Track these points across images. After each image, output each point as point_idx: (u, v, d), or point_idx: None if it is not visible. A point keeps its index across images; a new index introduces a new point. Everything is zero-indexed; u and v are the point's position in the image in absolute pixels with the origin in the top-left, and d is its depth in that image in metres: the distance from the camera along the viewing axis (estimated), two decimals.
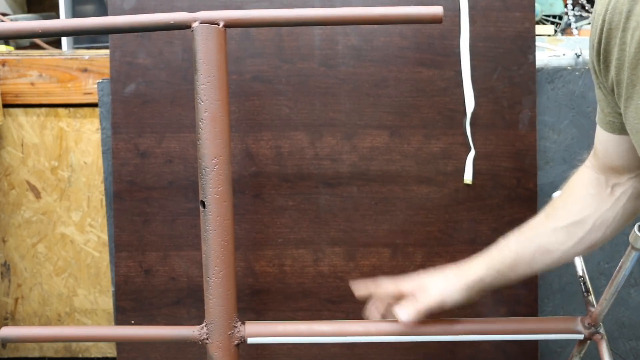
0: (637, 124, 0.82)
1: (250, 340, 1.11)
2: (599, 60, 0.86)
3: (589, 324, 1.11)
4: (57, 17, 2.07)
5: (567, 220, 1.03)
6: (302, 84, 1.39)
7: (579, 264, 1.16)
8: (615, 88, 0.85)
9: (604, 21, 0.83)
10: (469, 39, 1.38)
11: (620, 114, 0.91)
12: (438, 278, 1.07)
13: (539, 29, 1.78)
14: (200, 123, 1.04)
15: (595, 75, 0.91)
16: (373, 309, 1.10)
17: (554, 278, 1.54)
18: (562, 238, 1.03)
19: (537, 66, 1.41)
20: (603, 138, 0.98)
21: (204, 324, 1.09)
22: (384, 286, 1.09)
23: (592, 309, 1.11)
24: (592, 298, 1.13)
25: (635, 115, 0.82)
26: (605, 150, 0.99)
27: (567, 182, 1.08)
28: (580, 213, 1.03)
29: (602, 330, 1.11)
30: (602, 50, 0.85)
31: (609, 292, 1.06)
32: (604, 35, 0.83)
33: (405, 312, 1.05)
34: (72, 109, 1.67)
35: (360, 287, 1.12)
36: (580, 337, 1.12)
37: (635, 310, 1.57)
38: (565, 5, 1.90)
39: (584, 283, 1.14)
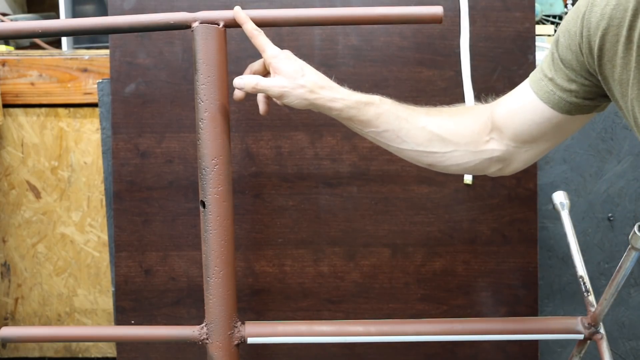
0: None
1: (250, 340, 1.12)
2: (590, 53, 0.85)
3: (589, 324, 1.11)
4: (57, 17, 2.07)
5: (438, 129, 1.02)
6: None
7: (580, 264, 1.16)
8: (617, 85, 0.84)
9: (603, 15, 0.81)
10: (469, 39, 1.38)
11: (566, 91, 0.90)
12: (295, 75, 1.02)
13: (539, 29, 1.78)
14: (200, 123, 1.04)
15: (568, 56, 0.89)
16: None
17: (554, 278, 1.55)
18: (420, 139, 1.03)
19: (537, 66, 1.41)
20: (527, 100, 0.96)
21: (204, 324, 1.09)
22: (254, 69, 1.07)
23: (592, 309, 1.11)
24: (592, 298, 1.13)
25: None
26: (515, 110, 0.98)
27: (465, 106, 1.08)
28: (450, 133, 1.02)
29: (602, 330, 1.11)
30: (600, 45, 0.83)
31: (609, 292, 1.06)
32: (604, 31, 0.82)
33: (246, 83, 1.02)
34: (72, 109, 1.67)
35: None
36: (580, 337, 1.12)
37: (635, 310, 1.57)
38: (565, 5, 1.90)
39: (584, 283, 1.14)
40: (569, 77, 0.90)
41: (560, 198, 1.29)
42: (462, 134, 1.02)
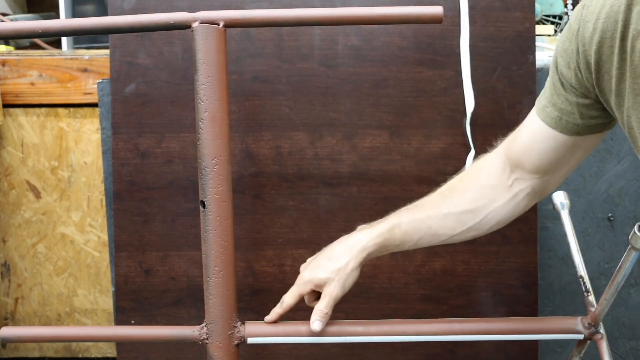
0: None
1: (250, 340, 1.12)
2: (587, 68, 0.86)
3: (589, 324, 1.11)
4: (57, 17, 2.07)
5: (461, 207, 1.03)
6: (302, 84, 1.39)
7: (580, 263, 1.16)
8: (613, 96, 0.84)
9: (595, 29, 0.82)
10: (469, 39, 1.38)
11: (571, 113, 0.91)
12: (330, 267, 1.06)
13: (539, 29, 1.79)
14: (200, 123, 1.04)
15: (567, 75, 0.90)
16: None
17: (554, 278, 1.55)
18: (451, 224, 1.04)
19: (537, 66, 1.41)
20: (536, 129, 0.97)
21: (204, 324, 1.09)
22: (288, 302, 1.11)
23: (592, 309, 1.11)
24: (592, 298, 1.13)
25: (638, 123, 0.82)
26: (530, 144, 0.99)
27: (472, 165, 1.07)
28: (474, 202, 1.03)
29: (602, 330, 1.11)
30: (596, 59, 0.84)
31: (609, 292, 1.06)
32: (598, 45, 0.82)
33: (317, 324, 1.07)
34: (72, 109, 1.67)
35: (272, 316, 1.12)
36: (580, 337, 1.12)
37: (635, 310, 1.57)
38: (565, 5, 1.90)
39: (584, 283, 1.14)
40: (570, 100, 0.91)
41: (560, 198, 1.28)
42: (485, 195, 1.03)
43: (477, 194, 1.03)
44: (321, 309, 1.06)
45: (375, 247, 1.05)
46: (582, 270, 1.15)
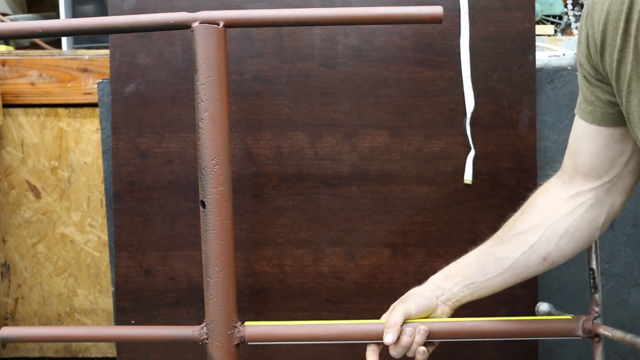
0: None
1: (250, 341, 1.11)
2: (596, 51, 0.85)
3: (588, 329, 1.11)
4: (57, 17, 2.07)
5: (515, 230, 1.02)
6: (302, 84, 1.39)
7: (594, 256, 1.13)
8: (613, 81, 0.84)
9: (602, 11, 0.82)
10: (469, 39, 1.38)
11: (604, 104, 0.90)
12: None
13: (539, 29, 1.78)
14: (200, 123, 1.04)
15: (586, 66, 0.89)
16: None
17: (554, 278, 1.55)
18: (512, 247, 1.02)
19: (537, 66, 1.41)
20: (580, 130, 0.96)
21: (204, 324, 1.09)
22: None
23: (597, 309, 1.11)
24: (598, 296, 1.12)
25: (639, 108, 0.81)
26: (578, 146, 0.97)
27: (533, 195, 1.05)
28: (528, 222, 1.01)
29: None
30: (601, 40, 0.83)
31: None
32: (604, 26, 0.82)
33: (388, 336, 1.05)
34: (72, 109, 1.67)
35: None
36: (580, 337, 1.12)
37: (635, 310, 1.57)
38: (565, 5, 1.90)
39: (594, 279, 1.12)
40: (595, 91, 0.90)
41: None
42: (540, 212, 1.01)
43: (532, 214, 1.02)
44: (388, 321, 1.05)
45: (460, 292, 1.06)
46: (595, 263, 1.12)
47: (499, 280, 1.05)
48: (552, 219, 1.00)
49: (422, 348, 1.04)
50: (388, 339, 1.03)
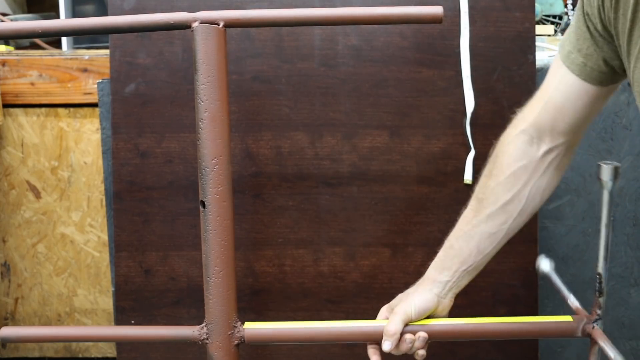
0: None
1: (250, 341, 1.11)
2: (610, 5, 0.81)
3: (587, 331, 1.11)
4: (57, 17, 2.07)
5: (500, 202, 1.02)
6: (302, 84, 1.39)
7: (603, 262, 1.13)
8: (624, 42, 0.81)
9: None
10: (469, 39, 1.38)
11: (599, 60, 0.87)
12: (414, 299, 1.06)
13: (539, 29, 1.78)
14: (200, 123, 1.04)
15: (593, 17, 0.86)
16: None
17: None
18: (499, 219, 1.03)
19: (537, 66, 1.41)
20: (565, 84, 0.93)
21: (204, 324, 1.09)
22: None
23: (599, 312, 1.11)
24: (602, 300, 1.12)
25: None
26: (561, 105, 0.95)
27: (495, 153, 1.04)
28: (511, 191, 1.01)
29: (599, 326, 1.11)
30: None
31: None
32: None
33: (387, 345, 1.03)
34: (72, 109, 1.67)
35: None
36: (579, 336, 1.12)
37: (635, 310, 1.57)
38: (565, 5, 1.90)
39: (600, 283, 1.12)
40: (593, 45, 0.87)
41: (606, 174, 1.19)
42: (519, 179, 1.01)
43: (510, 182, 1.01)
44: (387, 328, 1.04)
45: (449, 277, 1.05)
46: (602, 268, 1.12)
47: (495, 249, 1.07)
48: (532, 181, 1.01)
49: (422, 352, 1.04)
50: (386, 347, 1.02)
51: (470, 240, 1.04)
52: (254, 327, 1.11)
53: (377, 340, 1.08)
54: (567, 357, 1.58)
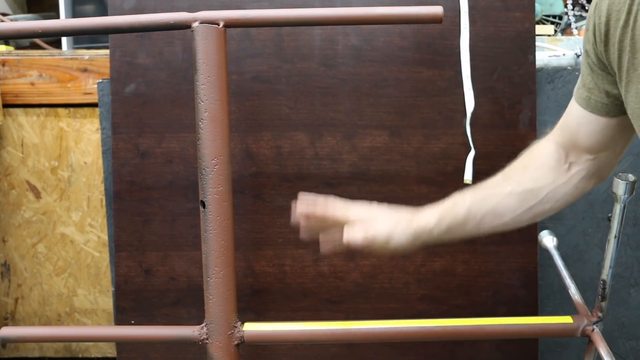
0: (637, 108, 0.83)
1: (249, 340, 1.11)
2: (601, 40, 0.87)
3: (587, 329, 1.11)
4: (57, 17, 2.07)
5: (523, 186, 1.03)
6: (302, 84, 1.39)
7: (609, 270, 1.15)
8: (615, 71, 0.86)
9: (608, 2, 0.83)
10: (469, 39, 1.38)
11: (601, 92, 0.92)
12: (390, 216, 1.03)
13: (539, 29, 1.78)
14: (200, 123, 1.04)
15: (590, 54, 0.91)
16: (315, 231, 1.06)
17: (554, 278, 1.55)
18: (514, 204, 1.04)
19: (537, 66, 1.41)
20: (575, 114, 0.98)
21: (204, 324, 1.09)
22: (332, 209, 1.05)
23: (600, 314, 1.11)
24: (604, 304, 1.12)
25: (636, 99, 0.82)
26: (576, 129, 0.99)
27: (528, 149, 1.08)
28: (536, 182, 1.03)
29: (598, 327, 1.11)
30: (605, 30, 0.85)
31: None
32: (607, 17, 0.84)
33: (355, 236, 1.00)
34: (72, 109, 1.67)
35: (304, 205, 1.05)
36: (579, 336, 1.12)
37: (635, 310, 1.57)
38: (565, 5, 1.90)
39: (604, 289, 1.13)
40: (595, 79, 0.92)
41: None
42: (545, 175, 1.03)
43: (538, 173, 1.04)
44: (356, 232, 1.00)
45: (437, 221, 1.03)
46: (607, 275, 1.14)
47: (491, 229, 1.06)
48: (555, 184, 1.03)
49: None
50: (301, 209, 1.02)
51: (481, 206, 1.04)
52: (254, 327, 1.12)
53: (377, 339, 1.08)
54: (567, 357, 1.58)
